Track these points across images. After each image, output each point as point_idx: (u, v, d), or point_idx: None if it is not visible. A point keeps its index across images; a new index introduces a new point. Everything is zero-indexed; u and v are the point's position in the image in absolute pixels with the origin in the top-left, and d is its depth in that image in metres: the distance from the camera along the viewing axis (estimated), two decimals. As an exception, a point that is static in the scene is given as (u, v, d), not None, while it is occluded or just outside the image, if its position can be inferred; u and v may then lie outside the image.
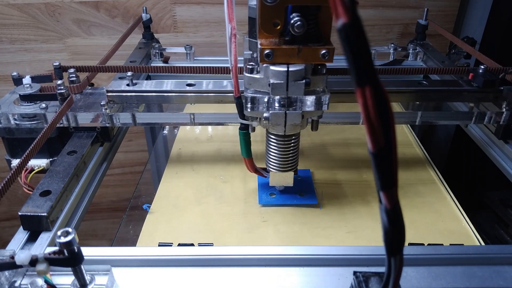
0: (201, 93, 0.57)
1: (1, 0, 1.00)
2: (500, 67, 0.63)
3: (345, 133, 0.77)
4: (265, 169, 0.57)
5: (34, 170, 0.56)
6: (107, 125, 0.59)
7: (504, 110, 0.58)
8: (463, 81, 0.62)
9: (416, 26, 0.89)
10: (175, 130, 0.82)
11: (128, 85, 0.58)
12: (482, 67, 0.61)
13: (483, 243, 0.52)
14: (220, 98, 0.58)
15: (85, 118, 0.58)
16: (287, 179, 0.56)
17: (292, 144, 0.53)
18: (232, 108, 0.52)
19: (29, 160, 0.46)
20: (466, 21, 1.10)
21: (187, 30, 1.08)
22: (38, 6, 1.01)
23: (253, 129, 0.53)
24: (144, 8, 0.88)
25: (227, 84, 0.58)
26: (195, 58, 0.86)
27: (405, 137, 0.77)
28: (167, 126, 0.94)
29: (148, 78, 0.81)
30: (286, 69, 0.44)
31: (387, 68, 0.69)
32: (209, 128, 0.79)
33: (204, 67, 0.64)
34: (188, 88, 0.58)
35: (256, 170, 0.57)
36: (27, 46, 1.07)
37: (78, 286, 0.35)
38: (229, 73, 0.62)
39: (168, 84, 0.58)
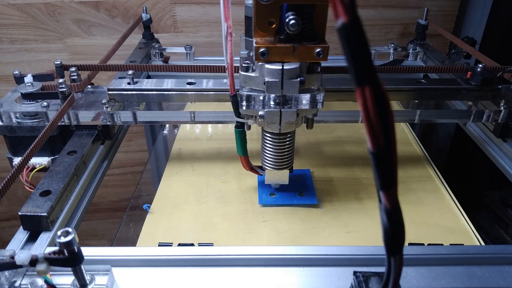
0: (201, 92, 0.58)
1: (1, 0, 1.00)
2: (498, 65, 0.63)
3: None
4: (261, 167, 0.57)
5: (35, 168, 0.56)
6: (108, 123, 0.59)
7: (502, 108, 0.58)
8: (461, 79, 0.62)
9: (416, 26, 0.89)
10: (175, 130, 0.82)
11: (129, 83, 0.58)
12: (481, 65, 0.61)
13: (483, 243, 0.52)
14: (220, 96, 0.58)
15: (86, 117, 0.58)
16: (282, 177, 0.56)
17: (287, 142, 0.53)
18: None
19: (31, 158, 0.47)
20: (466, 21, 1.10)
21: (187, 30, 1.08)
22: (38, 6, 1.01)
23: (249, 127, 0.53)
24: (144, 8, 0.88)
25: (227, 82, 0.58)
26: (195, 58, 0.86)
27: (404, 135, 0.78)
28: (167, 126, 0.94)
29: (148, 78, 0.80)
30: (281, 67, 0.44)
31: (385, 67, 0.69)
32: (209, 128, 0.79)
33: (204, 65, 0.64)
34: (188, 86, 0.58)
35: (251, 168, 0.57)
36: (27, 46, 1.07)
37: (78, 286, 0.35)
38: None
39: (169, 83, 0.59)
